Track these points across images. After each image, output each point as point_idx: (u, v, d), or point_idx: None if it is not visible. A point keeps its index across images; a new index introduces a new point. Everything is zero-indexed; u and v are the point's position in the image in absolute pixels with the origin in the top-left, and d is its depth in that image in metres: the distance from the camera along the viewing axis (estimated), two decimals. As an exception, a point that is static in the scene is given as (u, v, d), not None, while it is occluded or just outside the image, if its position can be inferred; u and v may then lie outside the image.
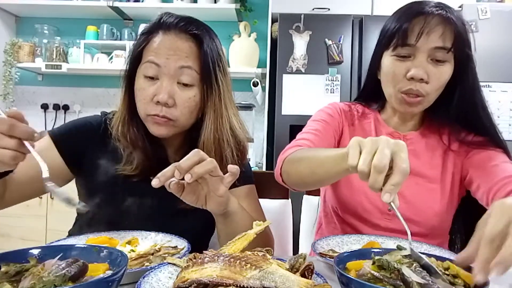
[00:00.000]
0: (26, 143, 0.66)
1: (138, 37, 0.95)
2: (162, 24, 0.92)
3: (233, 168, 0.77)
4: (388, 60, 0.97)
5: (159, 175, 0.71)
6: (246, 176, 1.00)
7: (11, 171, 0.75)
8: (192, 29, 0.91)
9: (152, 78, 0.89)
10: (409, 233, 0.65)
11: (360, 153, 0.63)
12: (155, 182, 0.71)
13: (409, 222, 0.99)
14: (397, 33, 0.93)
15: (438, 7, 0.93)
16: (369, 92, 1.10)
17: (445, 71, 0.94)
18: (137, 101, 0.92)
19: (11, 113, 0.65)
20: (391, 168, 0.61)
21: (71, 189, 1.01)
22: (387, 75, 0.98)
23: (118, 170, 0.93)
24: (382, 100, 1.07)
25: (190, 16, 0.95)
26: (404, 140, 1.04)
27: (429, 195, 1.01)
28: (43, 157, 0.69)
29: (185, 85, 0.90)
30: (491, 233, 0.53)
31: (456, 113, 1.00)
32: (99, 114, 1.03)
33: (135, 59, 0.93)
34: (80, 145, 0.95)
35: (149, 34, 0.92)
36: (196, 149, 0.74)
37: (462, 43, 0.93)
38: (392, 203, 0.61)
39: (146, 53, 0.91)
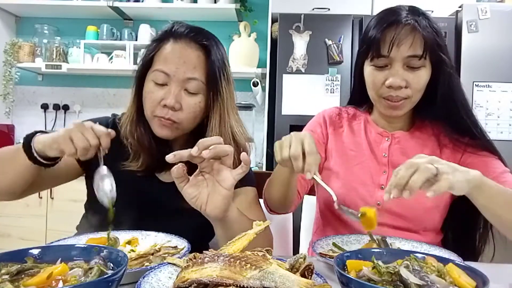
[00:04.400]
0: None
1: (150, 43, 1.00)
2: (173, 33, 0.97)
3: (244, 155, 0.78)
4: (368, 69, 1.04)
5: (175, 152, 0.75)
6: (247, 179, 1.00)
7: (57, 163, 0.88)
8: (202, 39, 0.96)
9: (160, 84, 0.95)
10: (334, 195, 0.84)
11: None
12: (170, 157, 0.74)
13: (400, 217, 1.04)
14: (372, 45, 1.00)
15: (408, 16, 0.98)
16: (357, 96, 1.16)
17: (422, 75, 1.00)
18: (145, 103, 0.97)
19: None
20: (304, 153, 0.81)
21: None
22: (368, 84, 1.05)
23: (124, 166, 0.98)
24: (370, 102, 1.12)
25: (200, 27, 1.01)
26: (392, 139, 1.10)
27: (419, 191, 1.02)
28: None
29: (191, 92, 0.95)
30: (395, 172, 0.75)
31: (441, 112, 1.04)
32: (110, 116, 1.09)
33: (146, 64, 0.98)
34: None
35: (160, 41, 0.97)
36: (217, 136, 0.79)
37: (433, 48, 0.98)
38: (315, 176, 0.81)
39: (156, 59, 0.96)
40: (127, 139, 1.00)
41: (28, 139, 0.85)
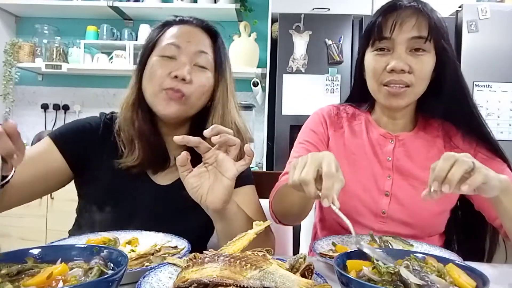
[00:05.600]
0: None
1: (153, 29, 1.00)
2: (177, 20, 0.99)
3: (248, 147, 0.78)
4: (369, 56, 0.99)
5: (183, 135, 0.75)
6: (246, 177, 1.00)
7: (8, 181, 0.71)
8: (207, 24, 0.99)
9: (169, 57, 0.93)
10: (351, 228, 0.71)
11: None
12: (178, 138, 0.74)
13: (405, 225, 1.00)
14: (373, 29, 0.96)
15: (411, 1, 0.95)
16: (357, 93, 1.12)
17: (426, 61, 0.95)
18: (150, 79, 0.93)
19: (6, 126, 0.61)
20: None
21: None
22: (369, 72, 0.99)
23: (120, 162, 0.94)
24: (371, 100, 1.08)
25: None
26: (397, 141, 1.04)
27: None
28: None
29: (201, 67, 0.95)
30: (433, 166, 0.73)
31: (446, 108, 1.00)
32: (97, 115, 1.03)
33: (150, 47, 0.97)
34: (81, 146, 0.96)
35: (164, 26, 0.98)
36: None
37: (438, 32, 0.94)
38: (332, 205, 0.67)
39: (162, 39, 0.96)
40: (119, 134, 0.95)
41: None
